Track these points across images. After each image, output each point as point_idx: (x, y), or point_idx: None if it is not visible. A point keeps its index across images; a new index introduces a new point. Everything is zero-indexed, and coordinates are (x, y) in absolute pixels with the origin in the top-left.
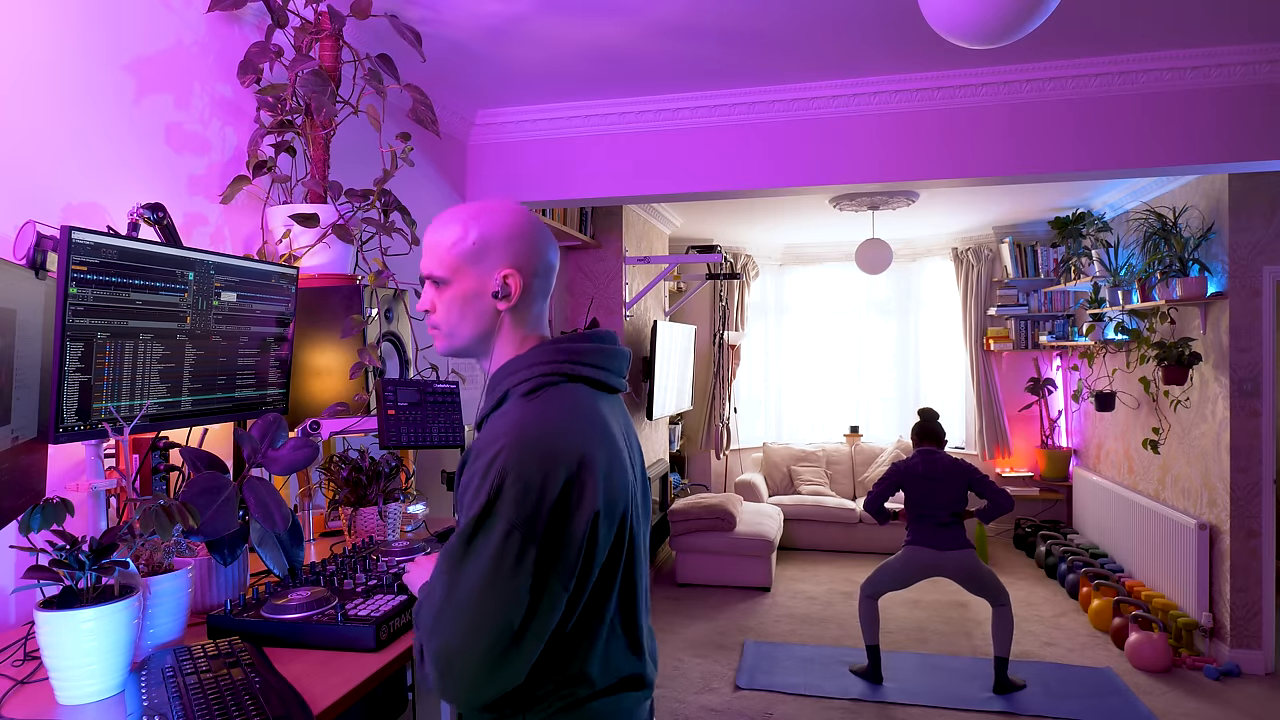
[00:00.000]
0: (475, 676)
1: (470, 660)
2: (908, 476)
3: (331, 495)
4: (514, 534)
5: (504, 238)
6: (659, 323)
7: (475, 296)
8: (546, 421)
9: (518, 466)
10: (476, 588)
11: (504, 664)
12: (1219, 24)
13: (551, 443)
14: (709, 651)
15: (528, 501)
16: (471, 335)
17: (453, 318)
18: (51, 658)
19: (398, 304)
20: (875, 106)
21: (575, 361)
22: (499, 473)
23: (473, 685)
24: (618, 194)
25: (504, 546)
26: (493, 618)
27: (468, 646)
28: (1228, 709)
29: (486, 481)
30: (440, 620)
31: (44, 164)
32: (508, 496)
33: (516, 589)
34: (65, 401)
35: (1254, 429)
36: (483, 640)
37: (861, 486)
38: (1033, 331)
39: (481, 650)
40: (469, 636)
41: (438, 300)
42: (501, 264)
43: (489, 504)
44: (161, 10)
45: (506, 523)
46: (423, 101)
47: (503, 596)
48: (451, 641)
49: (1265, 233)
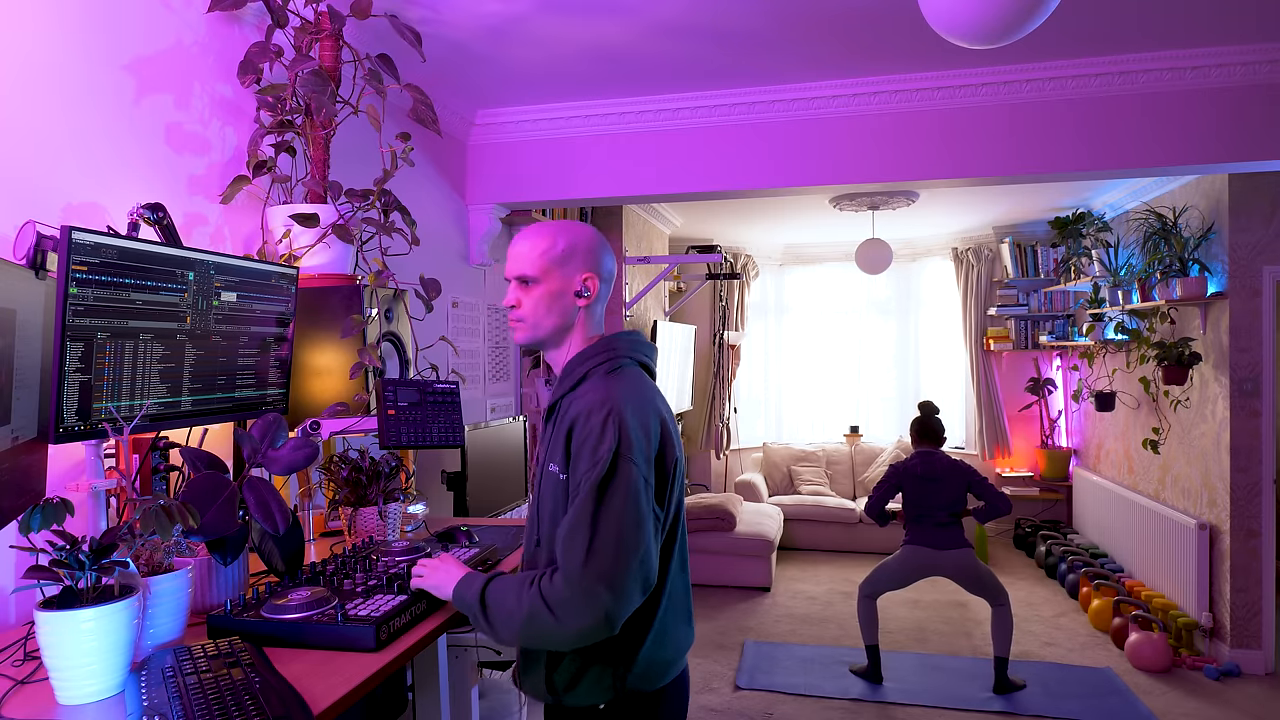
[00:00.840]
0: (634, 584)
1: (629, 572)
2: (906, 477)
3: (331, 495)
4: (638, 473)
5: (586, 248)
6: (659, 323)
7: (561, 294)
8: (634, 392)
9: (630, 420)
10: (623, 516)
11: (650, 572)
12: (1219, 24)
13: (645, 405)
14: (709, 651)
15: (642, 447)
16: (554, 327)
17: (539, 311)
18: (51, 658)
19: (398, 304)
20: (875, 106)
21: (638, 351)
22: (617, 425)
23: (633, 591)
24: (618, 194)
25: (634, 482)
26: (640, 538)
27: (626, 563)
28: (1228, 709)
29: (607, 435)
30: (594, 549)
31: (44, 164)
32: (627, 443)
33: (648, 514)
34: (65, 401)
35: (1254, 429)
36: (636, 555)
37: (861, 486)
38: (1033, 331)
39: (636, 563)
40: (626, 555)
41: (525, 297)
42: (583, 269)
43: (616, 451)
44: (161, 10)
45: (631, 464)
46: (423, 101)
47: (643, 521)
48: (608, 561)
49: (1265, 233)
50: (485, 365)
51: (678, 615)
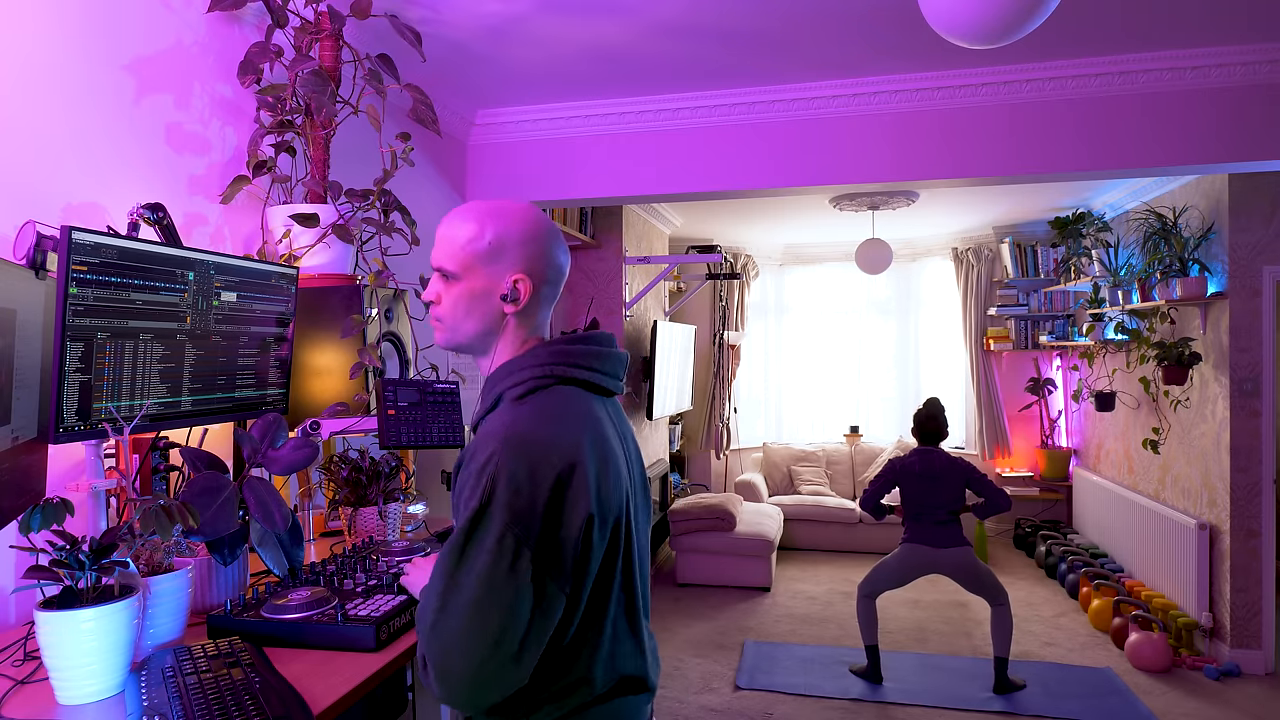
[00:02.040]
0: (475, 682)
1: (469, 666)
2: (904, 475)
3: (331, 495)
4: (508, 537)
5: (519, 241)
6: (659, 323)
7: (484, 296)
8: (537, 425)
9: (509, 469)
10: (474, 593)
11: (504, 669)
12: (1219, 24)
13: (543, 445)
14: (709, 651)
15: (520, 504)
16: (474, 333)
17: (458, 313)
18: (51, 658)
19: (398, 304)
20: (875, 106)
21: (567, 364)
22: (491, 476)
23: (473, 691)
24: (618, 194)
25: (499, 550)
26: (490, 623)
27: (466, 653)
28: (1228, 709)
29: (480, 485)
30: (438, 627)
31: (44, 164)
32: (500, 499)
33: (513, 593)
34: (65, 401)
35: (1254, 429)
36: (482, 646)
37: (861, 486)
38: (1033, 331)
39: (481, 656)
40: (467, 643)
41: (445, 294)
42: (514, 268)
43: (482, 507)
44: (161, 10)
45: (500, 525)
46: (423, 101)
47: (500, 601)
48: (450, 648)
49: (1265, 233)
50: None
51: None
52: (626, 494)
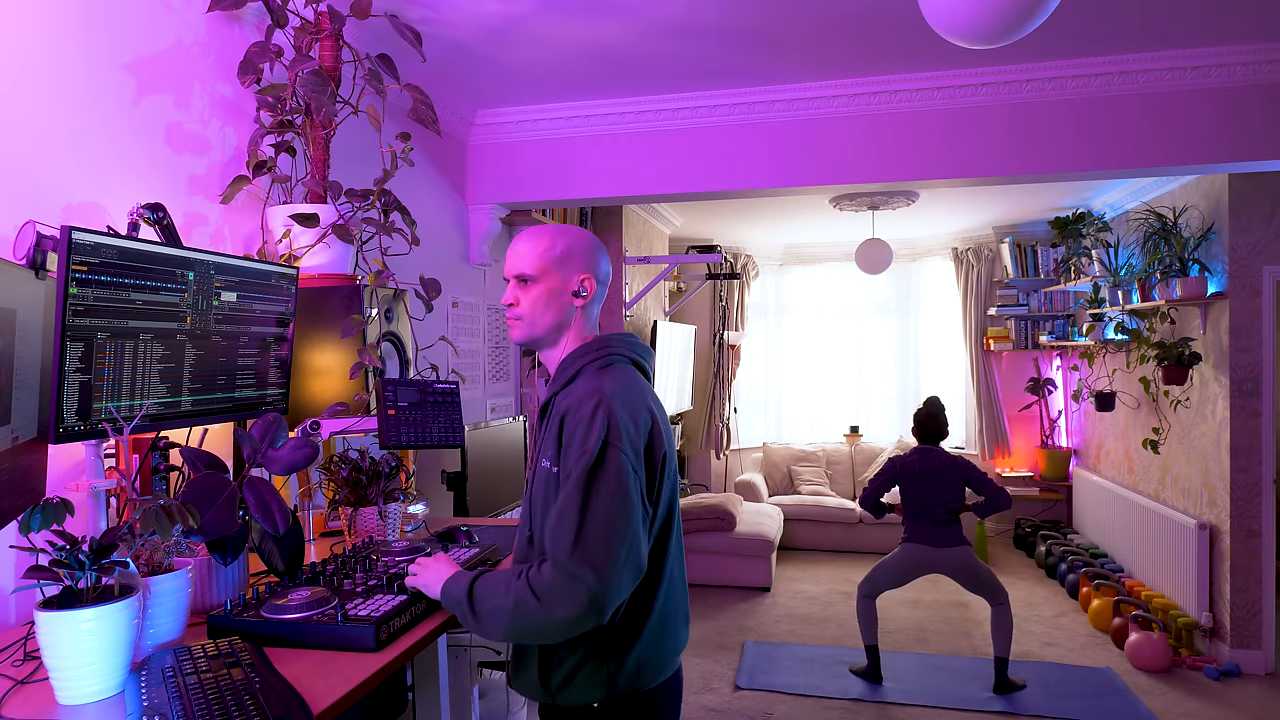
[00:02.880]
0: (623, 573)
1: (613, 569)
2: (904, 473)
3: (331, 495)
4: (627, 461)
5: (584, 250)
6: (659, 323)
7: (559, 293)
8: (625, 385)
9: (619, 411)
10: (612, 504)
11: (640, 560)
12: (1219, 24)
13: (634, 399)
14: (709, 651)
15: (631, 437)
16: (550, 325)
17: (537, 309)
18: (51, 658)
19: (398, 304)
20: (875, 106)
21: (628, 349)
22: (606, 415)
23: (621, 580)
24: (618, 194)
25: (623, 470)
26: (626, 531)
27: (614, 550)
28: (1228, 709)
29: (596, 424)
30: (581, 537)
31: (44, 164)
32: (616, 433)
33: (637, 502)
34: (65, 401)
35: (1254, 429)
36: (624, 542)
37: (861, 486)
38: (1033, 331)
39: (624, 551)
40: (615, 542)
41: (523, 296)
42: (581, 269)
43: (604, 443)
44: (161, 10)
45: (619, 455)
46: (423, 101)
47: (632, 508)
48: (597, 556)
49: (1265, 233)
50: (485, 365)
51: (675, 613)
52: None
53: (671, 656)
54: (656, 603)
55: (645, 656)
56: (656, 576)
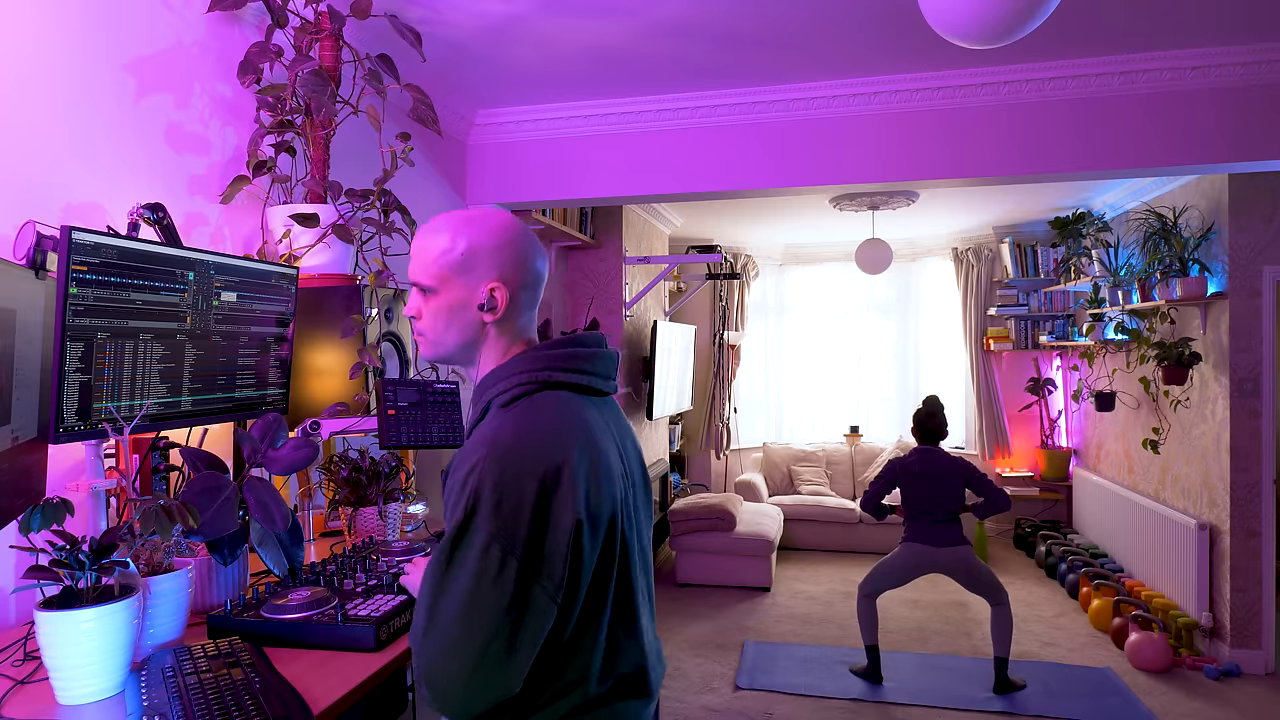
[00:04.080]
0: (465, 691)
1: (459, 676)
2: (904, 474)
3: (331, 495)
4: (493, 546)
5: (491, 248)
6: (659, 323)
7: (462, 307)
8: (521, 432)
9: (493, 478)
10: (460, 603)
11: (493, 677)
12: (1220, 24)
13: (526, 453)
14: (709, 651)
15: (504, 512)
16: (456, 344)
17: (439, 326)
18: (51, 658)
19: (398, 304)
20: (875, 106)
21: (551, 369)
22: (475, 485)
23: (464, 699)
24: (618, 194)
25: (484, 559)
26: (477, 632)
27: (456, 662)
28: (1228, 709)
29: (464, 495)
30: (427, 639)
31: (44, 164)
32: (484, 508)
33: (500, 602)
34: (65, 401)
35: (1254, 429)
36: (469, 656)
37: (861, 486)
38: (1033, 331)
39: (469, 666)
40: (456, 652)
41: (424, 308)
42: (488, 276)
43: (467, 518)
44: (161, 10)
45: (485, 535)
46: (423, 101)
47: (487, 611)
48: (438, 658)
49: (1265, 233)
50: None
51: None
52: (621, 496)
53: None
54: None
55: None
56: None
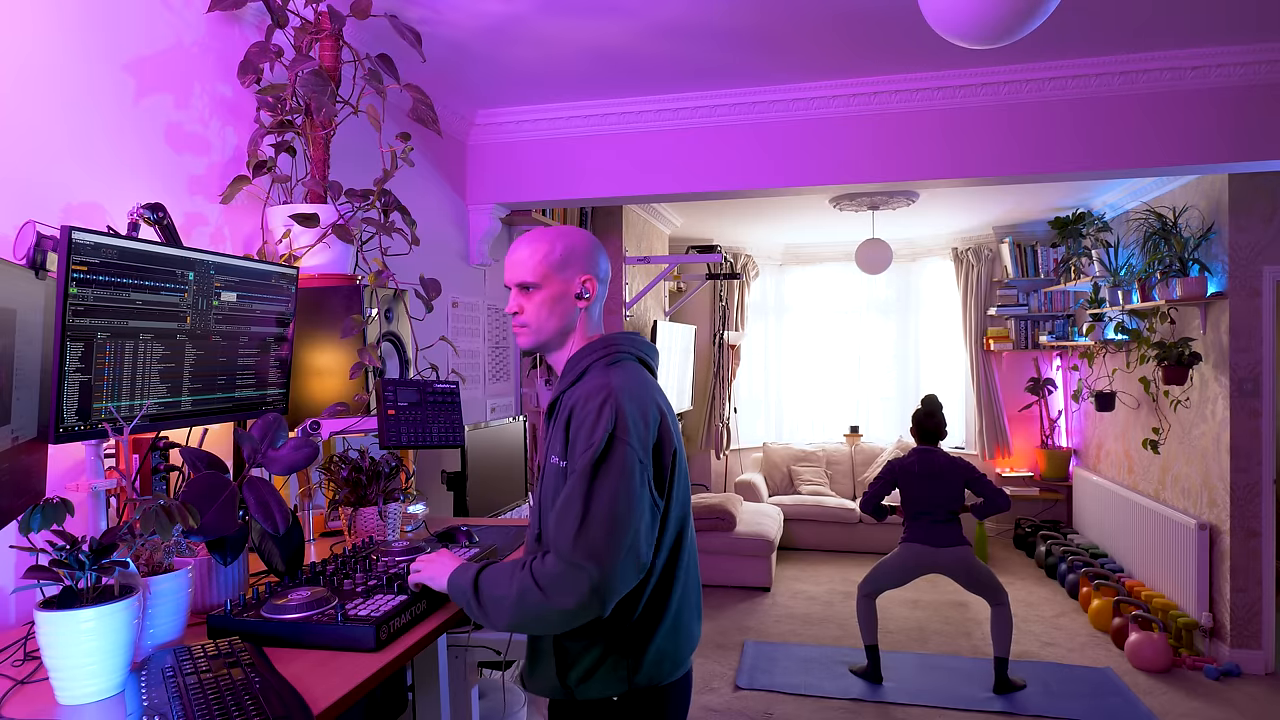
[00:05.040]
0: (624, 566)
1: (614, 561)
2: (904, 475)
3: (331, 495)
4: (633, 454)
5: (583, 251)
6: (659, 323)
7: (561, 298)
8: (633, 380)
9: (627, 407)
10: (614, 501)
11: (641, 555)
12: (1219, 24)
13: (642, 395)
14: (709, 651)
15: (639, 430)
16: (556, 329)
17: (541, 316)
18: (51, 658)
19: (398, 304)
20: (875, 106)
21: (634, 346)
22: (613, 410)
23: (621, 574)
24: (618, 194)
25: (628, 463)
26: (632, 518)
27: (615, 543)
28: (1228, 709)
29: (603, 417)
30: (584, 528)
31: (44, 164)
32: (623, 426)
33: (642, 495)
34: (65, 401)
35: (1254, 429)
36: (626, 535)
37: (861, 486)
38: (1033, 331)
39: (626, 544)
40: (616, 534)
41: (527, 303)
42: (582, 271)
43: (611, 436)
44: (161, 10)
45: (626, 448)
46: (423, 101)
47: (636, 500)
48: (599, 548)
49: (1265, 233)
50: (485, 365)
51: (690, 608)
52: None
53: (688, 651)
54: (673, 597)
55: (664, 650)
56: (672, 571)
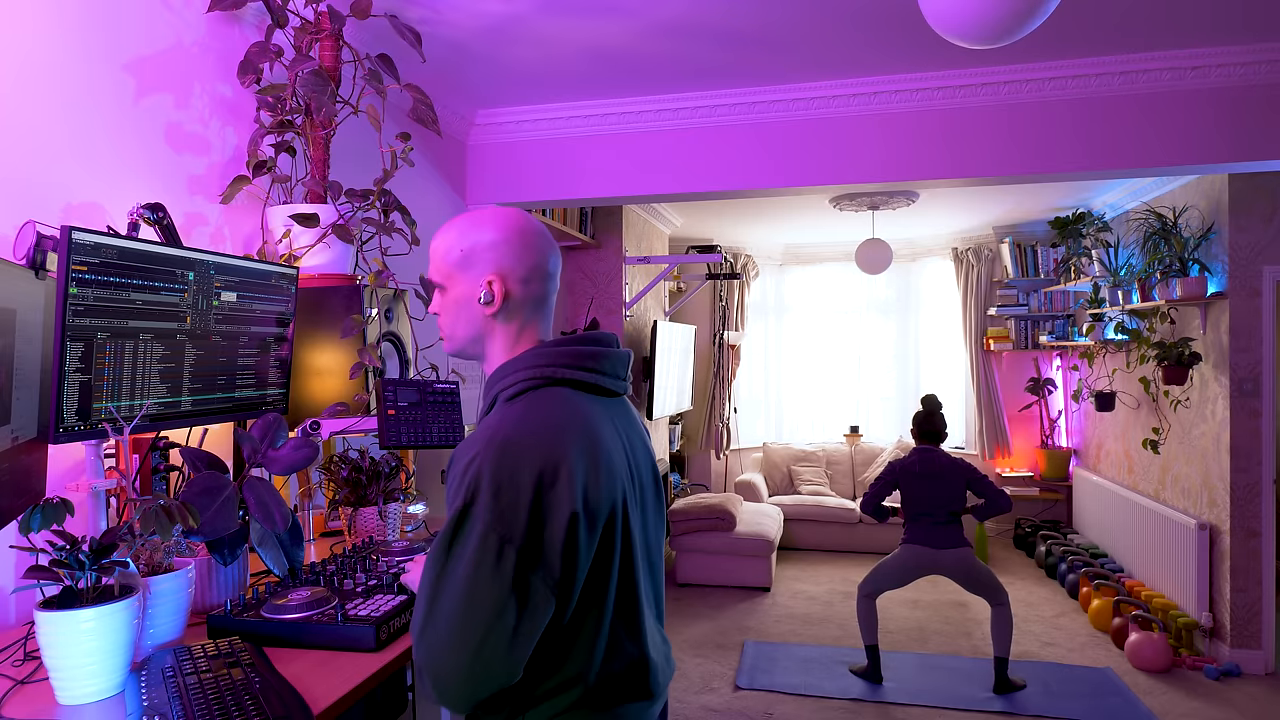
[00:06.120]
0: (466, 680)
1: (458, 665)
2: (905, 475)
3: (331, 495)
4: (491, 535)
5: (488, 245)
6: (659, 323)
7: (465, 302)
8: (523, 425)
9: (492, 469)
10: (461, 591)
11: (494, 665)
12: (1219, 24)
13: (526, 446)
14: (709, 651)
15: (503, 503)
16: (466, 338)
17: (449, 321)
18: (51, 658)
19: (398, 304)
20: (875, 106)
21: (557, 365)
22: (474, 476)
23: (463, 687)
24: (618, 194)
25: (482, 548)
26: (477, 620)
27: (455, 652)
28: (1228, 709)
29: (463, 485)
30: (427, 629)
31: (44, 164)
32: (483, 499)
33: (499, 591)
34: (65, 401)
35: (1254, 429)
36: (470, 643)
37: (861, 486)
38: (1033, 331)
39: (469, 655)
40: (456, 641)
41: (439, 304)
42: (488, 270)
43: (465, 507)
44: (161, 10)
45: (483, 524)
46: (423, 101)
47: (486, 598)
48: (439, 648)
49: (1265, 233)
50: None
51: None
52: (623, 494)
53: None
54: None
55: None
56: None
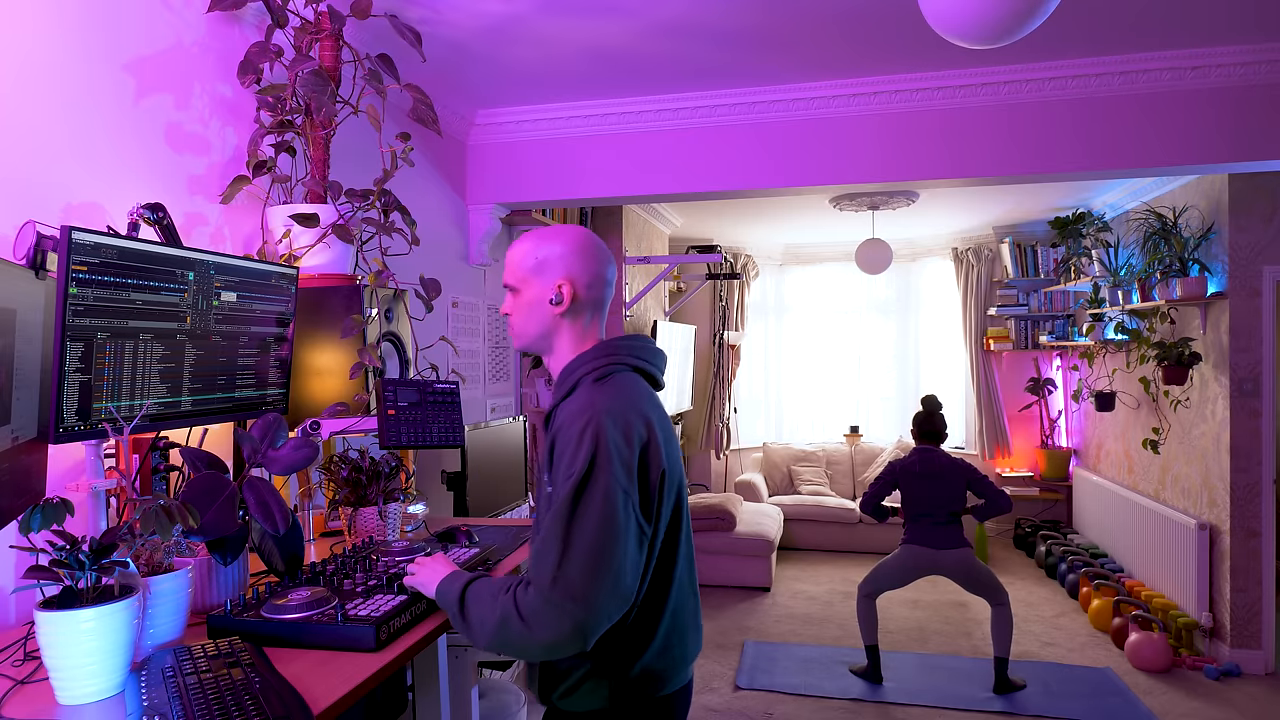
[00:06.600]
0: (602, 601)
1: (597, 597)
2: (905, 475)
3: (331, 495)
4: (616, 482)
5: (561, 254)
6: (659, 323)
7: (537, 303)
8: (619, 399)
9: (608, 430)
10: (595, 534)
11: (621, 596)
12: (1218, 24)
13: (627, 413)
14: (709, 651)
15: (621, 457)
16: (535, 334)
17: (521, 320)
18: (51, 658)
19: (398, 304)
20: (875, 106)
21: (632, 356)
22: (593, 436)
23: (600, 610)
24: (617, 194)
25: (610, 492)
26: (613, 557)
27: (595, 585)
28: (1228, 709)
29: (583, 445)
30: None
31: (44, 164)
32: (605, 456)
33: (626, 525)
34: (65, 401)
35: (1254, 429)
36: (607, 578)
37: (861, 486)
38: (1033, 331)
39: (607, 587)
40: (599, 564)
41: (513, 305)
42: (559, 275)
43: (591, 464)
44: (161, 10)
45: (609, 476)
46: (423, 101)
47: (619, 532)
48: (579, 584)
49: (1265, 233)
50: (485, 365)
51: (683, 629)
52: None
53: (680, 668)
54: (664, 618)
55: (652, 669)
56: (664, 594)
